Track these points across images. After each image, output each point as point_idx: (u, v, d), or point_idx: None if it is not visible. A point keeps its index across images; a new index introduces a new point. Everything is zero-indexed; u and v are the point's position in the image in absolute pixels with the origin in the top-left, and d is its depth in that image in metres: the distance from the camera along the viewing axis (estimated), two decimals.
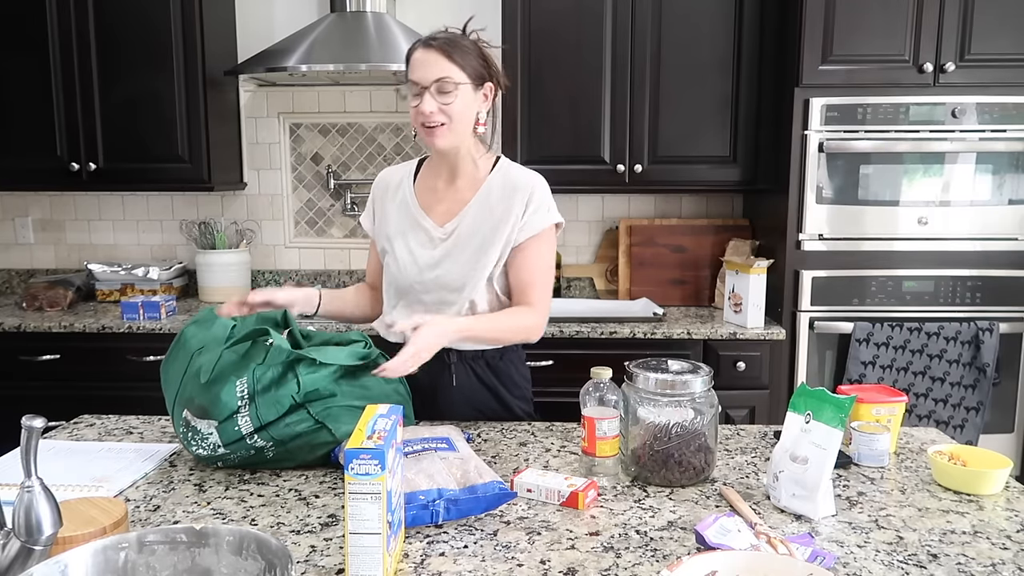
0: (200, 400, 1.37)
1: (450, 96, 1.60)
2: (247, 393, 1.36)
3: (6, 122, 2.98)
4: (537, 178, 1.73)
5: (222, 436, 1.36)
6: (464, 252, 1.68)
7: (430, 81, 1.59)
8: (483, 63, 1.66)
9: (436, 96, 1.59)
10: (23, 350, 2.79)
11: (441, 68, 1.60)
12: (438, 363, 1.69)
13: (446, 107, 1.60)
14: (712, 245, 3.15)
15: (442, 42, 1.62)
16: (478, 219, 1.69)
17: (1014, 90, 2.65)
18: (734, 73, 2.89)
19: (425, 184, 1.77)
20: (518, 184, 1.70)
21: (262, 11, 3.25)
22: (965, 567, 1.09)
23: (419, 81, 1.60)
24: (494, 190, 1.70)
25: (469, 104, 1.63)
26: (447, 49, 1.61)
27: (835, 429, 1.24)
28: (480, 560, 1.10)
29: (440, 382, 1.73)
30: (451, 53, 1.61)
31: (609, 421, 1.36)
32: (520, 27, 2.87)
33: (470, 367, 1.74)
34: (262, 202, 3.39)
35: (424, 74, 1.60)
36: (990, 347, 2.66)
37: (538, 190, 1.71)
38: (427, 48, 1.61)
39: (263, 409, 1.35)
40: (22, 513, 0.88)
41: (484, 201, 1.69)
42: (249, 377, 1.36)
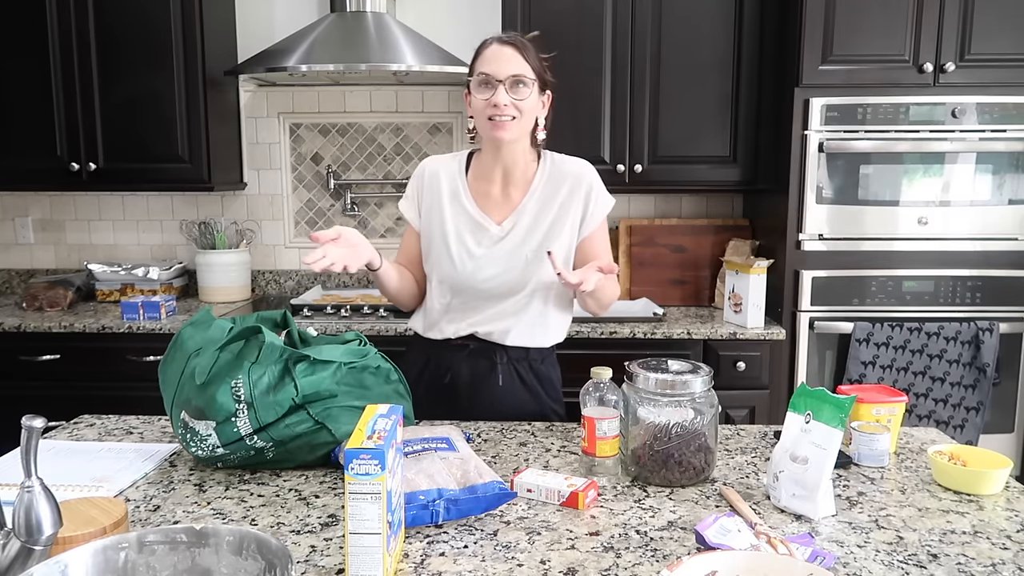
0: (197, 402, 1.36)
1: (522, 92, 1.65)
2: (244, 397, 1.35)
3: (6, 122, 2.98)
4: (587, 166, 1.79)
5: (220, 437, 1.36)
6: (524, 248, 1.72)
7: (506, 75, 1.63)
8: (545, 70, 1.72)
9: (509, 90, 1.64)
10: (23, 350, 2.79)
11: (516, 64, 1.64)
12: (486, 362, 1.75)
13: (518, 102, 1.64)
14: (712, 245, 3.15)
15: (516, 39, 1.68)
16: (536, 214, 1.74)
17: (1014, 90, 2.65)
18: (734, 73, 2.89)
19: (478, 185, 1.78)
20: (573, 176, 1.75)
21: (262, 11, 3.25)
22: (965, 567, 1.09)
23: (494, 74, 1.63)
24: (544, 186, 1.75)
25: (535, 104, 1.69)
26: (520, 47, 1.66)
27: (835, 429, 1.24)
28: (480, 560, 1.10)
29: (487, 381, 1.76)
30: (524, 51, 1.66)
31: (609, 421, 1.36)
32: (520, 27, 2.87)
33: (514, 368, 1.77)
34: (262, 202, 3.39)
35: (499, 68, 1.63)
36: (990, 347, 2.66)
37: (595, 180, 1.77)
38: (503, 44, 1.66)
39: (262, 412, 1.35)
40: (22, 513, 0.88)
41: (540, 197, 1.75)
42: (245, 379, 1.35)
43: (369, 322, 2.76)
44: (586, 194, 1.74)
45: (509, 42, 1.66)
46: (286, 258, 3.41)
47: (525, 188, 1.76)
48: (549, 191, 1.74)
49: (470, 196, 1.76)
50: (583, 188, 1.74)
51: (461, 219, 1.75)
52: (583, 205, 1.74)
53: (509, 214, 1.74)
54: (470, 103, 1.70)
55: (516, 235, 1.73)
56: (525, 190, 1.75)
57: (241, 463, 1.41)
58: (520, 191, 1.76)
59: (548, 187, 1.75)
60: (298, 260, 3.41)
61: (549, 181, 1.75)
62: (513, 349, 1.76)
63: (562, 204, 1.73)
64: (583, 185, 1.74)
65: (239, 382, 1.35)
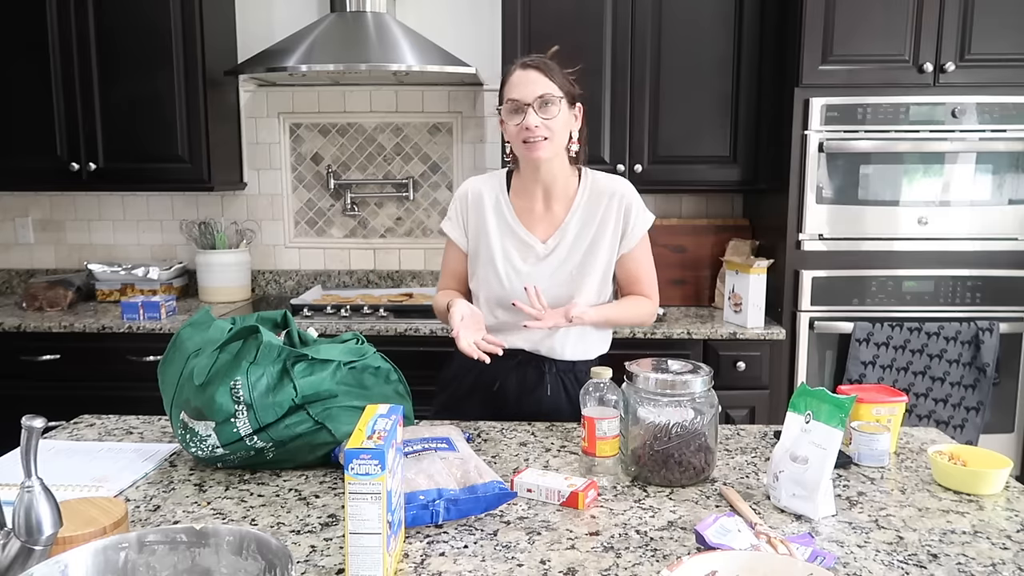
0: (196, 403, 1.36)
1: (551, 110, 1.68)
2: (243, 398, 1.34)
3: (6, 122, 2.98)
4: (626, 184, 1.82)
5: (220, 437, 1.36)
6: (568, 265, 1.77)
7: (533, 98, 1.67)
8: (572, 85, 1.75)
9: (538, 111, 1.67)
10: (23, 350, 2.79)
11: (541, 85, 1.68)
12: (535, 372, 1.79)
13: (548, 121, 1.68)
14: (712, 245, 3.15)
15: (538, 62, 1.71)
16: (579, 233, 1.78)
17: (1014, 90, 2.65)
18: (734, 73, 2.89)
19: (520, 203, 1.82)
20: (611, 193, 1.79)
21: (262, 11, 3.25)
22: (965, 567, 1.09)
23: (521, 99, 1.68)
24: (586, 203, 1.79)
25: (566, 120, 1.72)
26: (544, 68, 1.70)
27: (835, 429, 1.24)
28: (480, 560, 1.10)
29: (536, 392, 1.80)
30: (548, 71, 1.70)
31: (609, 421, 1.36)
32: (520, 27, 2.87)
33: (561, 379, 1.81)
34: (262, 202, 3.39)
35: (525, 92, 1.68)
36: (990, 347, 2.66)
37: (634, 198, 1.81)
38: (525, 68, 1.70)
39: (261, 413, 1.35)
40: (22, 513, 0.88)
41: (581, 215, 1.79)
42: (244, 380, 1.35)
43: (369, 322, 2.76)
44: (626, 210, 1.79)
45: (532, 65, 1.70)
46: (286, 258, 3.41)
47: (568, 204, 1.80)
48: (591, 208, 1.79)
49: (514, 214, 1.81)
50: (623, 204, 1.79)
51: (507, 238, 1.80)
52: (623, 221, 1.79)
53: (553, 231, 1.80)
54: (505, 129, 1.75)
55: (560, 252, 1.78)
56: (568, 206, 1.80)
57: (241, 463, 1.41)
58: (563, 207, 1.80)
59: (590, 204, 1.79)
60: (298, 260, 3.41)
61: (591, 198, 1.80)
62: (561, 362, 1.80)
63: (602, 220, 1.78)
64: (623, 201, 1.79)
65: (238, 383, 1.35)
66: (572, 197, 1.80)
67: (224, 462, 1.41)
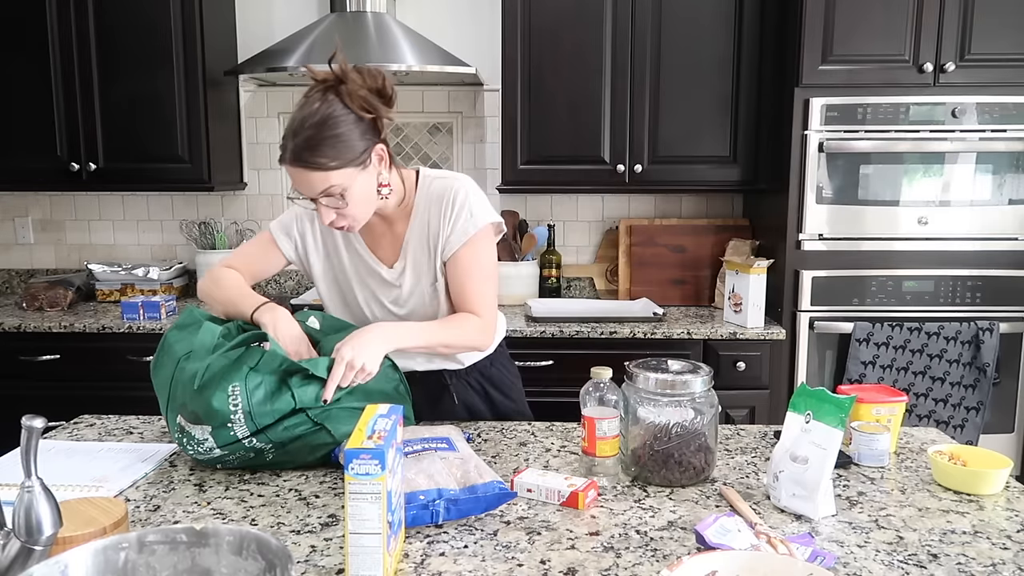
0: (192, 407, 1.36)
1: (341, 200, 1.46)
2: (241, 406, 1.33)
3: (6, 122, 2.98)
4: (457, 182, 1.62)
5: (217, 440, 1.35)
6: (421, 285, 1.65)
7: (316, 194, 1.45)
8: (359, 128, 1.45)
9: (328, 202, 1.46)
10: (23, 350, 2.79)
11: (318, 181, 1.43)
12: (437, 385, 1.72)
13: (342, 210, 1.47)
14: (712, 245, 3.15)
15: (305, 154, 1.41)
16: (418, 249, 1.63)
17: (1014, 90, 2.65)
18: (734, 73, 2.89)
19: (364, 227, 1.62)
20: (438, 196, 1.61)
21: (262, 11, 3.25)
22: (965, 567, 1.09)
23: (305, 194, 1.47)
24: (422, 213, 1.63)
25: (364, 186, 1.48)
26: (313, 160, 1.41)
27: (835, 429, 1.24)
28: (480, 560, 1.10)
29: (441, 404, 1.73)
30: (319, 162, 1.41)
31: (609, 421, 1.36)
32: (520, 27, 2.87)
33: (466, 383, 1.75)
34: (262, 202, 3.38)
35: (304, 189, 1.46)
36: (990, 347, 2.66)
37: (459, 195, 1.60)
38: (293, 166, 1.43)
39: (259, 419, 1.34)
40: (22, 513, 0.88)
41: (418, 229, 1.63)
42: (242, 386, 1.34)
43: None
44: (443, 212, 1.59)
45: (299, 163, 1.42)
46: None
47: (406, 219, 1.64)
48: (427, 218, 1.62)
49: (358, 236, 1.66)
50: (443, 206, 1.60)
51: (359, 265, 1.67)
52: (445, 223, 1.59)
53: (398, 250, 1.65)
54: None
55: (409, 276, 1.64)
56: (407, 220, 1.63)
57: (240, 464, 1.41)
58: (402, 223, 1.64)
59: (424, 215, 1.62)
60: None
61: (427, 207, 1.62)
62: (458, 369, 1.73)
63: (435, 227, 1.61)
64: (443, 203, 1.60)
65: (236, 388, 1.34)
66: (410, 210, 1.63)
67: (223, 463, 1.41)
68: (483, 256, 1.62)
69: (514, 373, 1.86)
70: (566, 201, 3.33)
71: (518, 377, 1.87)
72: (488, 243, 1.64)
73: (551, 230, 3.23)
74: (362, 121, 1.46)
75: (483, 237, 1.62)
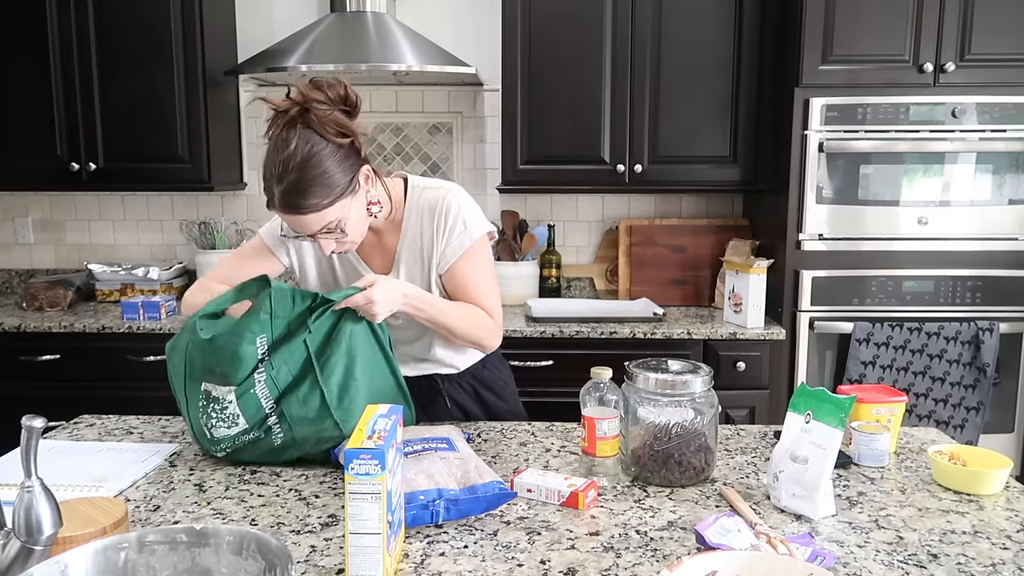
0: (220, 367, 1.39)
1: (337, 232, 1.46)
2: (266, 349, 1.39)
3: (6, 122, 2.98)
4: (449, 193, 1.60)
5: (241, 404, 1.38)
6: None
7: (314, 232, 1.45)
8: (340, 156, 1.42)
9: (327, 236, 1.46)
10: (23, 350, 2.79)
11: (314, 221, 1.42)
12: (429, 390, 1.71)
13: (341, 238, 1.47)
14: (712, 245, 3.15)
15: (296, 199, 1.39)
16: (410, 261, 1.62)
17: (1014, 90, 2.65)
18: (734, 73, 2.89)
19: None
20: (430, 208, 1.60)
21: (262, 11, 3.25)
22: (965, 567, 1.09)
23: (303, 233, 1.47)
24: (413, 224, 1.61)
25: (358, 210, 1.48)
26: (305, 204, 1.39)
27: (835, 429, 1.24)
28: (480, 560, 1.10)
29: (434, 406, 1.72)
30: (312, 204, 1.39)
31: (609, 421, 1.36)
32: (520, 27, 2.87)
33: (459, 385, 1.74)
34: (262, 202, 3.36)
35: (302, 230, 1.46)
36: (990, 347, 2.66)
37: (451, 207, 1.58)
38: (287, 213, 1.42)
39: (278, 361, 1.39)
40: (22, 513, 0.88)
41: (410, 240, 1.62)
42: (268, 335, 1.40)
43: None
44: (436, 225, 1.58)
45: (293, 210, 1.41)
46: None
47: (397, 232, 1.62)
48: (419, 229, 1.60)
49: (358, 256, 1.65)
50: (436, 219, 1.58)
51: (352, 274, 1.65)
52: (440, 236, 1.58)
53: (389, 262, 1.64)
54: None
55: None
56: (398, 231, 1.62)
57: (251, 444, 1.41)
58: (393, 235, 1.63)
59: (416, 226, 1.61)
60: None
61: (418, 218, 1.61)
62: (451, 375, 1.73)
63: (428, 239, 1.60)
64: (436, 215, 1.58)
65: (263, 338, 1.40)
66: (399, 222, 1.61)
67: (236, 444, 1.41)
68: (482, 265, 1.63)
69: (506, 373, 1.85)
70: (566, 201, 3.33)
71: (511, 377, 1.86)
72: (484, 252, 1.64)
73: (551, 230, 3.23)
74: (341, 148, 1.42)
75: (479, 248, 1.62)
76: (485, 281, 1.63)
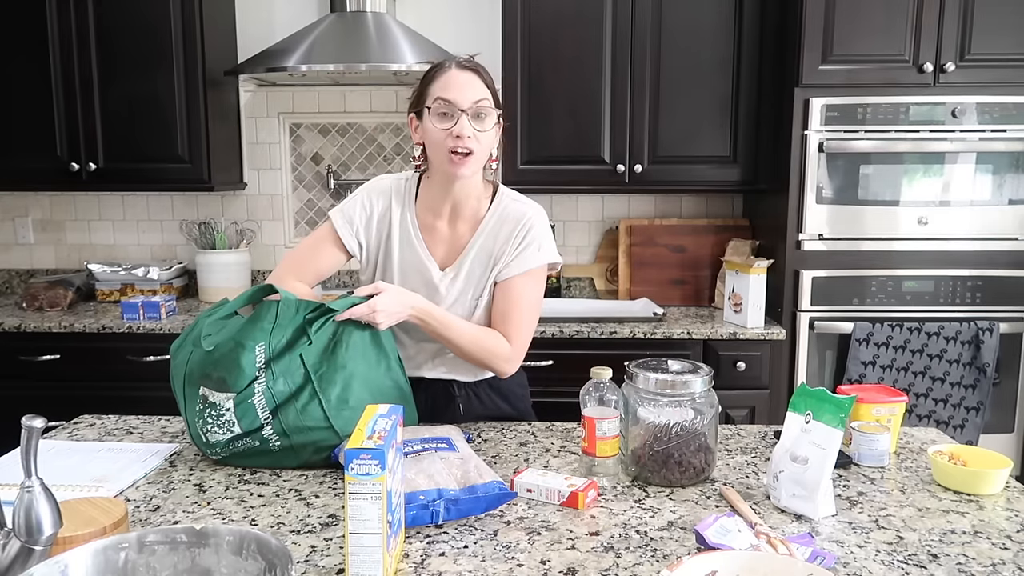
0: (218, 372, 1.39)
1: (485, 122, 1.54)
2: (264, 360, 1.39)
3: (6, 122, 2.98)
4: (535, 212, 1.65)
5: (238, 412, 1.38)
6: (465, 294, 1.65)
7: (469, 103, 1.51)
8: (498, 96, 1.61)
9: (472, 120, 1.52)
10: (23, 350, 2.79)
11: (479, 90, 1.53)
12: (444, 396, 1.71)
13: (480, 133, 1.53)
14: (712, 245, 3.15)
15: (476, 64, 1.56)
16: (477, 259, 1.64)
17: (1014, 90, 2.65)
18: (734, 73, 2.89)
19: (425, 217, 1.67)
20: (517, 219, 1.63)
21: (262, 11, 3.25)
22: (965, 567, 1.09)
23: (455, 101, 1.51)
24: (491, 228, 1.64)
25: (494, 135, 1.59)
26: (481, 72, 1.55)
27: (835, 429, 1.24)
28: (480, 560, 1.10)
29: (446, 415, 1.71)
30: (485, 77, 1.56)
31: (609, 421, 1.36)
32: (520, 27, 2.87)
33: (473, 394, 1.72)
34: (262, 202, 3.39)
35: (460, 96, 1.51)
36: (990, 347, 2.66)
37: (535, 227, 1.63)
38: (463, 68, 1.54)
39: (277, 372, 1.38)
40: (22, 513, 0.88)
41: (483, 242, 1.64)
42: (267, 344, 1.40)
43: None
44: (517, 236, 1.62)
45: (469, 67, 1.54)
46: None
47: (474, 227, 1.65)
48: (495, 234, 1.63)
49: (418, 231, 1.66)
50: (518, 231, 1.62)
51: (408, 258, 1.66)
52: (510, 248, 1.62)
53: (455, 256, 1.65)
54: (419, 131, 1.59)
55: (458, 282, 1.64)
56: (473, 229, 1.65)
57: (247, 451, 1.41)
58: (469, 228, 1.65)
59: (495, 229, 1.64)
60: None
61: (497, 223, 1.64)
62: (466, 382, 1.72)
63: (501, 246, 1.63)
64: (519, 228, 1.62)
65: (262, 347, 1.39)
66: (480, 219, 1.65)
67: (231, 449, 1.41)
68: (535, 290, 1.65)
69: (523, 384, 1.83)
70: (566, 201, 3.33)
71: (526, 387, 1.84)
72: (542, 280, 1.67)
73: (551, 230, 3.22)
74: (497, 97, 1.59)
75: (539, 274, 1.65)
76: (528, 307, 1.64)
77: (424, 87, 1.57)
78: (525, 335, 1.64)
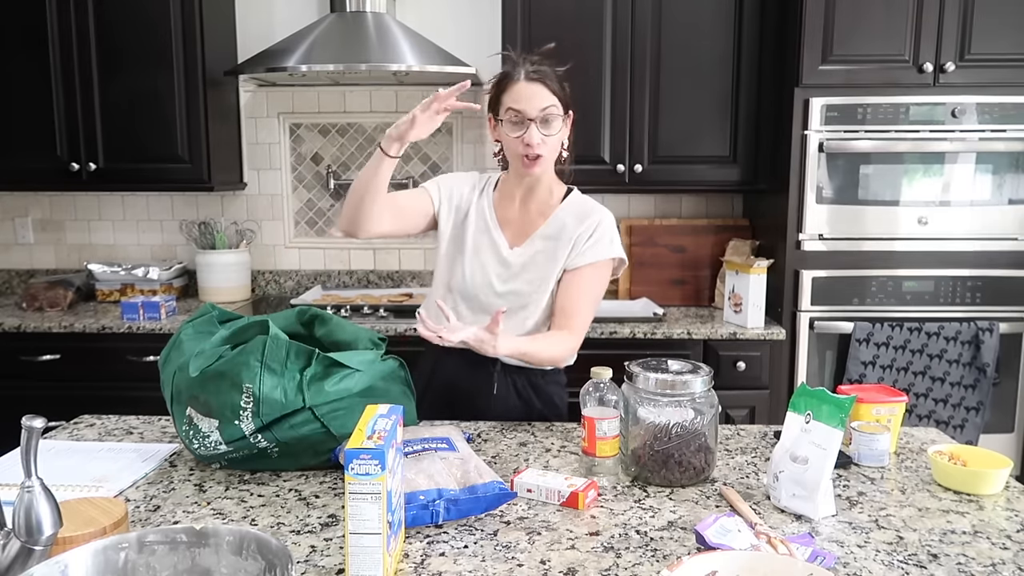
0: (204, 397, 1.36)
1: (552, 127, 1.66)
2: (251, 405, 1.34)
3: (6, 122, 2.98)
4: (606, 212, 1.78)
5: (223, 435, 1.36)
6: (531, 274, 1.74)
7: (536, 113, 1.64)
8: (566, 91, 1.71)
9: (540, 127, 1.65)
10: (23, 350, 2.79)
11: (545, 99, 1.65)
12: (484, 372, 1.76)
13: (548, 137, 1.66)
14: (712, 245, 3.15)
15: (543, 74, 1.67)
16: (546, 245, 1.74)
17: (1014, 90, 2.65)
18: (734, 73, 2.89)
19: (500, 204, 1.81)
20: (588, 214, 1.75)
21: (262, 11, 3.25)
22: (965, 567, 1.09)
23: (525, 112, 1.65)
24: (564, 218, 1.75)
25: (562, 133, 1.71)
26: (547, 80, 1.67)
27: (835, 429, 1.24)
28: (480, 560, 1.10)
29: (482, 389, 1.77)
30: (551, 84, 1.67)
31: (609, 421, 1.36)
32: (520, 27, 2.87)
33: (512, 380, 1.78)
34: (262, 202, 3.38)
35: (529, 106, 1.64)
36: (990, 347, 2.66)
37: (605, 221, 1.76)
38: (531, 80, 1.66)
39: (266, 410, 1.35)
40: (22, 513, 0.88)
41: (554, 229, 1.75)
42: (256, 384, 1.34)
43: (369, 322, 2.76)
44: (590, 228, 1.73)
45: (536, 78, 1.66)
46: (286, 258, 3.41)
47: (546, 214, 1.77)
48: (565, 225, 1.75)
49: (494, 213, 1.79)
50: (590, 223, 1.74)
51: (481, 234, 1.78)
52: (584, 238, 1.73)
53: (524, 238, 1.77)
54: (498, 133, 1.72)
55: (525, 261, 1.75)
56: (545, 216, 1.77)
57: (243, 460, 1.41)
58: (540, 215, 1.78)
59: (566, 221, 1.75)
60: (298, 260, 3.41)
61: (568, 214, 1.76)
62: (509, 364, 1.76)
63: (568, 237, 1.74)
64: (592, 221, 1.74)
65: (249, 387, 1.34)
66: (552, 208, 1.78)
67: (226, 460, 1.41)
68: (599, 282, 1.77)
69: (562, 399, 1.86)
70: None
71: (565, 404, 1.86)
72: (607, 276, 1.78)
73: None
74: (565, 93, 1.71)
75: (606, 267, 1.76)
76: (591, 301, 1.75)
77: (497, 95, 1.71)
78: (584, 325, 1.74)
